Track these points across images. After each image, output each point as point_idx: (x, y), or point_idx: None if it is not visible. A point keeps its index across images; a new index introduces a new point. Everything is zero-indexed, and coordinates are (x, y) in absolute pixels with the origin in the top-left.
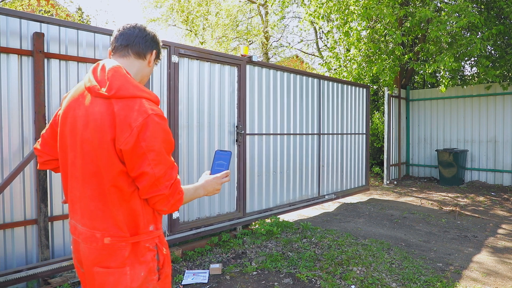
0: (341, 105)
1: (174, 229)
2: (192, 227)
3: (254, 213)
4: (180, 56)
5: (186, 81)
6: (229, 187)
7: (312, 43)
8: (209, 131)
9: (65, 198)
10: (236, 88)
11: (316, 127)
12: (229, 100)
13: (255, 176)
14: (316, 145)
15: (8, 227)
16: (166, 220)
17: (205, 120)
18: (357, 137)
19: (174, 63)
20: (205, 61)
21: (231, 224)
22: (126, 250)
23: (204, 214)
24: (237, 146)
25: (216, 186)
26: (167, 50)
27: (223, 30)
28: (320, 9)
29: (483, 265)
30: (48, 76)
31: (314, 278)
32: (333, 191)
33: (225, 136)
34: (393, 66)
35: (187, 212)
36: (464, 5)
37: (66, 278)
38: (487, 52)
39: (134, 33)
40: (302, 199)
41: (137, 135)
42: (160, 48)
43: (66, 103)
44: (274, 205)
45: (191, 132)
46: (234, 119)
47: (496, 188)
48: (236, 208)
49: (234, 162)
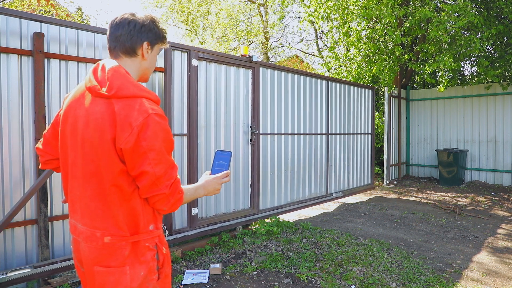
0: (348, 106)
1: (193, 225)
2: (210, 223)
3: (266, 210)
4: (199, 59)
5: (204, 83)
6: (243, 185)
7: (312, 43)
8: (225, 131)
9: (65, 198)
10: (250, 89)
11: (324, 127)
12: (244, 101)
13: (268, 175)
14: (324, 145)
15: (8, 227)
16: (186, 216)
17: (221, 121)
18: (363, 137)
19: (194, 66)
20: (221, 64)
21: (246, 220)
22: (126, 250)
23: (221, 210)
24: (251, 146)
25: (216, 186)
26: (187, 54)
27: (223, 30)
28: (320, 9)
29: (483, 265)
30: (48, 76)
31: (314, 278)
32: (341, 189)
33: (240, 135)
34: (393, 66)
35: (205, 209)
36: (463, 5)
37: (66, 278)
38: (487, 52)
39: (118, 32)
40: (311, 197)
41: (137, 135)
42: (155, 34)
43: (67, 103)
44: (285, 202)
45: (208, 131)
46: (248, 119)
47: (496, 188)
48: (250, 205)
49: (248, 161)
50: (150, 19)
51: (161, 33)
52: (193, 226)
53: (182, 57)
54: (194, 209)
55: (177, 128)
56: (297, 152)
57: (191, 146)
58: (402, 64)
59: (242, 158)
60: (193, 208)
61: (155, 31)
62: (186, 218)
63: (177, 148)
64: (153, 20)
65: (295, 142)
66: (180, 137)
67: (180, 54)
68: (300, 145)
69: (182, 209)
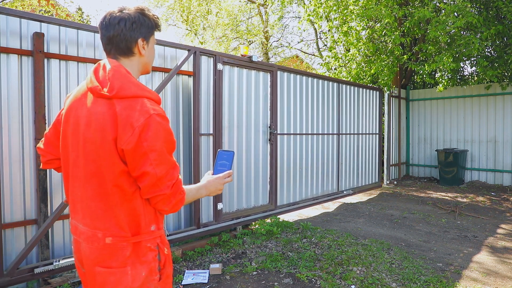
0: (357, 107)
1: (219, 219)
2: (233, 217)
3: (283, 205)
4: (224, 64)
5: (228, 86)
6: (262, 182)
7: (312, 43)
8: (246, 131)
9: (66, 198)
10: (269, 92)
11: (335, 127)
12: (263, 103)
13: (284, 172)
14: (335, 144)
15: (8, 227)
16: (212, 210)
17: (243, 121)
18: (371, 137)
19: (219, 71)
20: (243, 68)
21: (264, 215)
22: (127, 250)
23: (242, 206)
24: (270, 145)
25: (219, 186)
26: (213, 59)
27: (223, 30)
28: (319, 8)
29: (483, 265)
30: (48, 76)
31: (314, 278)
32: (351, 186)
33: (259, 135)
34: (392, 66)
35: (228, 204)
36: (462, 5)
37: (66, 278)
38: (486, 52)
39: (110, 33)
40: (324, 194)
41: (138, 135)
42: (147, 27)
43: (68, 103)
44: (300, 199)
45: (231, 131)
46: (267, 120)
47: (496, 188)
48: (269, 201)
49: (267, 159)
50: (139, 11)
51: (153, 23)
52: (219, 220)
53: (208, 62)
54: (219, 204)
55: (204, 128)
56: (310, 151)
57: (216, 145)
58: (402, 64)
59: (262, 156)
60: (218, 203)
61: (146, 24)
62: (212, 212)
63: (204, 147)
64: (142, 12)
65: (309, 142)
66: (207, 136)
67: (207, 59)
68: (313, 144)
69: (209, 204)
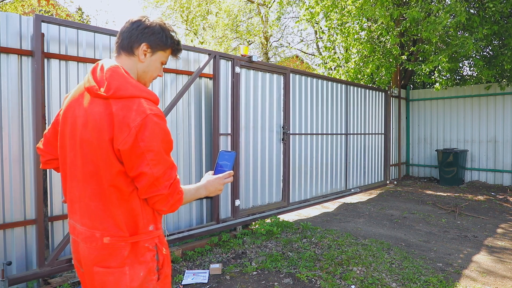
0: (364, 108)
1: (236, 215)
2: (249, 214)
3: (295, 203)
4: (241, 67)
5: (244, 88)
6: (276, 180)
7: (312, 43)
8: (261, 131)
9: (65, 198)
10: (282, 93)
11: (344, 127)
12: (277, 104)
13: (296, 171)
14: (344, 144)
15: (8, 227)
16: (230, 207)
17: (258, 122)
18: (377, 137)
19: (237, 73)
20: (258, 71)
21: (277, 212)
22: (125, 250)
23: (257, 203)
24: (283, 144)
25: (219, 186)
26: (231, 62)
27: (223, 30)
28: (316, 6)
29: (483, 265)
30: (48, 76)
31: (314, 278)
32: (358, 185)
33: (273, 135)
34: (389, 66)
35: (245, 201)
36: (454, 5)
37: (66, 278)
38: (481, 52)
39: (123, 29)
40: (332, 192)
41: (135, 135)
42: (159, 39)
43: (66, 103)
44: (310, 196)
45: (247, 132)
46: (280, 120)
47: (496, 188)
48: (282, 198)
49: (280, 158)
50: (158, 23)
51: (167, 40)
52: (236, 216)
53: (227, 65)
54: (237, 201)
55: (222, 129)
56: (320, 151)
57: (234, 144)
58: (400, 64)
59: (275, 155)
60: (236, 200)
61: (159, 36)
62: (230, 208)
63: (223, 146)
64: (162, 25)
65: (319, 141)
66: (226, 136)
67: (225, 63)
68: (323, 144)
69: (227, 201)
